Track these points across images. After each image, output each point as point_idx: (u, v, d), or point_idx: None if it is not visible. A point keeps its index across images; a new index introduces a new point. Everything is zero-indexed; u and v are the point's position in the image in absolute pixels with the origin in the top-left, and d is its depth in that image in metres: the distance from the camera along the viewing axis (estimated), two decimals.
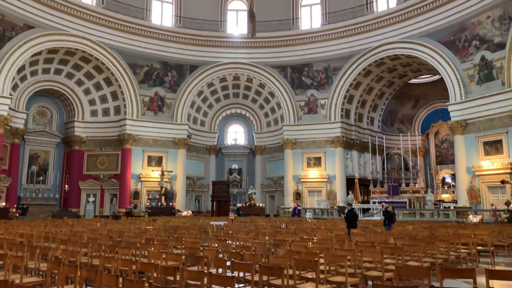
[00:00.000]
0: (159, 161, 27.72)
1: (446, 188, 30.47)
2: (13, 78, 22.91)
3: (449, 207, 22.73)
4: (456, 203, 23.17)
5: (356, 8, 27.12)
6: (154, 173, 27.09)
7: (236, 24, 30.30)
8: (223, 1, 29.91)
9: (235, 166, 30.94)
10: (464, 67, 22.59)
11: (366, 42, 26.70)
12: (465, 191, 22.16)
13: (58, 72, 26.61)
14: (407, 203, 23.85)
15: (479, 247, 9.37)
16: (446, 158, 31.58)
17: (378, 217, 20.54)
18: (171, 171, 27.17)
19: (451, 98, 23.25)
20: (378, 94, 30.05)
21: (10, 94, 22.62)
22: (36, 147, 27.07)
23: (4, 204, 20.83)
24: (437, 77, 28.66)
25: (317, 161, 28.27)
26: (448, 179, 31.19)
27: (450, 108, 23.29)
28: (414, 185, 26.28)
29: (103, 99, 27.99)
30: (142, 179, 27.27)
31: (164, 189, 26.06)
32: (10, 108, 22.79)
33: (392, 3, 26.40)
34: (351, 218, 12.40)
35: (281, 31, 28.75)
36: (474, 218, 19.03)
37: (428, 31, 24.05)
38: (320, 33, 28.17)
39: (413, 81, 31.41)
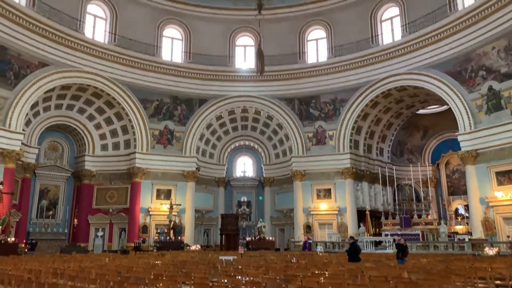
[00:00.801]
0: (168, 195, 27.67)
1: (459, 220, 29.80)
2: (27, 114, 23.43)
3: (464, 239, 22.15)
4: (471, 235, 22.59)
5: (361, 42, 27.63)
6: (163, 207, 26.99)
7: (244, 59, 30.98)
8: (231, 38, 30.71)
9: (244, 198, 30.69)
10: (472, 97, 22.61)
11: (372, 74, 27.01)
12: (479, 223, 21.64)
13: (70, 107, 27.20)
14: (420, 235, 23.31)
15: (498, 282, 9.03)
16: (458, 188, 31.08)
17: (391, 250, 20.06)
18: (180, 205, 27.07)
19: (460, 128, 23.16)
20: (386, 125, 30.08)
21: (23, 130, 23.05)
22: (46, 181, 27.29)
23: (13, 239, 20.78)
24: (445, 107, 28.70)
25: (327, 193, 27.99)
26: (461, 210, 30.57)
27: (459, 138, 23.15)
28: (427, 217, 25.76)
29: (114, 133, 28.39)
30: (151, 213, 27.17)
31: (172, 223, 25.88)
32: (22, 143, 23.15)
33: (397, 35, 26.89)
34: (351, 252, 12.11)
35: (288, 65, 29.27)
36: (490, 251, 18.49)
37: (434, 62, 24.29)
38: (327, 66, 28.61)
39: (421, 111, 31.44)
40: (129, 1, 28.14)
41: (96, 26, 27.23)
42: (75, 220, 27.52)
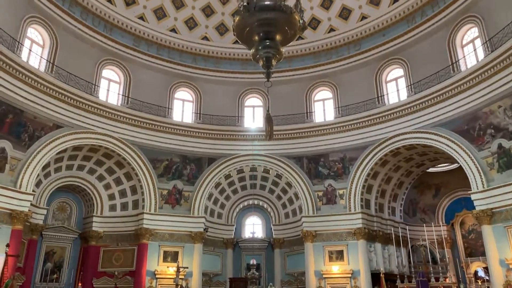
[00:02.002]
0: (175, 257, 26.91)
1: (480, 283, 28.25)
2: (38, 175, 23.62)
3: None
4: None
5: (367, 102, 28.17)
6: (169, 270, 26.15)
7: (253, 119, 31.59)
8: (240, 99, 31.58)
9: (253, 261, 29.61)
10: (482, 155, 22.45)
11: (380, 133, 27.19)
12: (501, 287, 20.51)
13: (80, 168, 27.46)
14: None
15: None
16: (476, 249, 29.83)
17: None
18: (187, 267, 26.16)
19: (472, 187, 22.74)
20: (397, 183, 29.70)
21: (33, 191, 23.10)
22: (53, 243, 26.83)
23: None
24: (455, 165, 28.43)
25: (339, 255, 27.01)
26: (481, 273, 29.08)
27: (473, 197, 22.63)
28: (445, 280, 24.49)
29: (123, 193, 28.33)
30: (157, 276, 26.27)
31: (179, 287, 24.88)
32: (31, 204, 23.08)
33: (403, 95, 27.42)
34: None
35: (296, 124, 29.70)
36: None
37: (441, 121, 24.48)
38: (334, 125, 28.93)
39: (431, 169, 31.13)
40: (142, 66, 29.45)
41: (110, 89, 28.28)
42: (80, 284, 26.61)
